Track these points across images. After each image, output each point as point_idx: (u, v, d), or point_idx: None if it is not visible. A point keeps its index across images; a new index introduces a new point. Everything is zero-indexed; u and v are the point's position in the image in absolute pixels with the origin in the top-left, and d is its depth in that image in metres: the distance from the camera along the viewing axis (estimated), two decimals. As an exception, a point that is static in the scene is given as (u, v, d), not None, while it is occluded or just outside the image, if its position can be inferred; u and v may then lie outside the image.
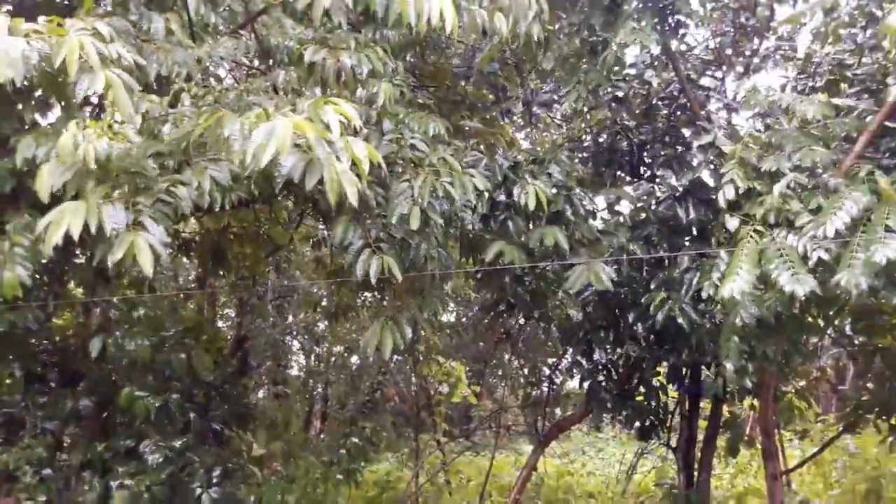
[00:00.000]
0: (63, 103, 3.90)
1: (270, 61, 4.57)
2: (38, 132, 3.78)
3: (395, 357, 11.42)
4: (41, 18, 3.32)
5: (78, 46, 3.10)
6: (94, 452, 5.97)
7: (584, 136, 7.67)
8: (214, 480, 6.01)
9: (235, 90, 4.37)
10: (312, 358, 14.25)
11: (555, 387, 10.32)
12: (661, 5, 5.19)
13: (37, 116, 4.80)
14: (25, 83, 3.17)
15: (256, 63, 5.21)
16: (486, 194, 4.81)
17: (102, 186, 3.42)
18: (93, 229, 3.14)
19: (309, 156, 2.98)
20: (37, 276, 3.99)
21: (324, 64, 4.13)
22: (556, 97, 7.05)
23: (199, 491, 5.81)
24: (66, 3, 4.63)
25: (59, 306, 5.83)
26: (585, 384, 7.42)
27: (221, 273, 7.96)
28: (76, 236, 3.13)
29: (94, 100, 4.08)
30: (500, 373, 13.97)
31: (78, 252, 5.00)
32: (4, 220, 4.29)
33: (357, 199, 2.96)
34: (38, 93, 4.01)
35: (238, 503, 6.31)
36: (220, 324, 11.47)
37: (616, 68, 5.58)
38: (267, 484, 6.68)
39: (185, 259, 8.84)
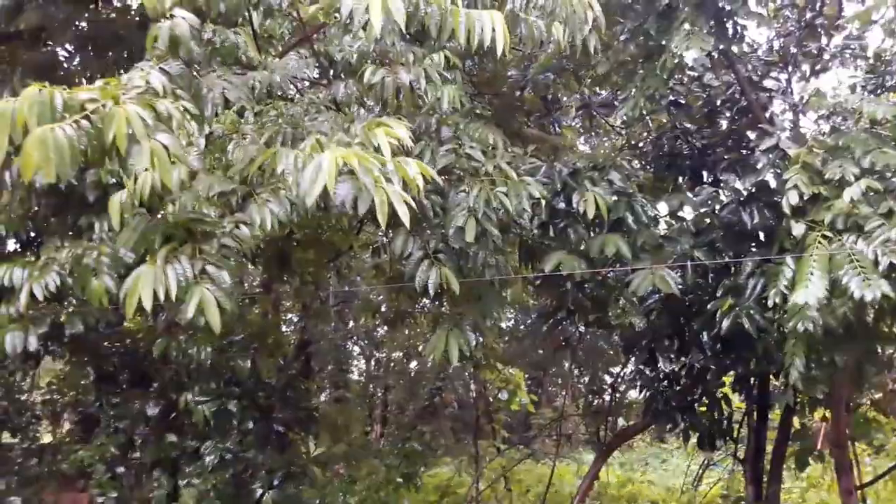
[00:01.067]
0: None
1: (332, 73, 4.67)
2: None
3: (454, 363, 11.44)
4: (98, 82, 3.30)
5: (125, 121, 3.04)
6: (164, 451, 6.19)
7: (643, 142, 7.57)
8: (276, 482, 6.16)
9: (300, 103, 4.49)
10: (372, 363, 14.41)
11: (617, 396, 10.18)
12: (717, 8, 5.08)
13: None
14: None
15: (317, 74, 5.34)
16: (544, 202, 4.80)
17: (169, 243, 3.53)
18: (161, 297, 3.24)
19: (357, 184, 3.02)
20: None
21: (383, 83, 4.20)
22: (614, 101, 6.98)
23: (260, 491, 5.96)
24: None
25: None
26: (647, 393, 7.32)
27: (285, 278, 8.15)
28: (148, 307, 3.25)
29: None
30: (559, 381, 13.85)
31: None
32: (89, 224, 4.54)
33: (409, 219, 2.99)
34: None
35: (300, 504, 6.45)
36: (283, 328, 11.72)
37: (674, 73, 5.49)
38: (329, 486, 6.80)
39: (249, 265, 9.08)
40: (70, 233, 4.78)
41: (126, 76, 3.44)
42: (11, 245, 5.11)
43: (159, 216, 3.61)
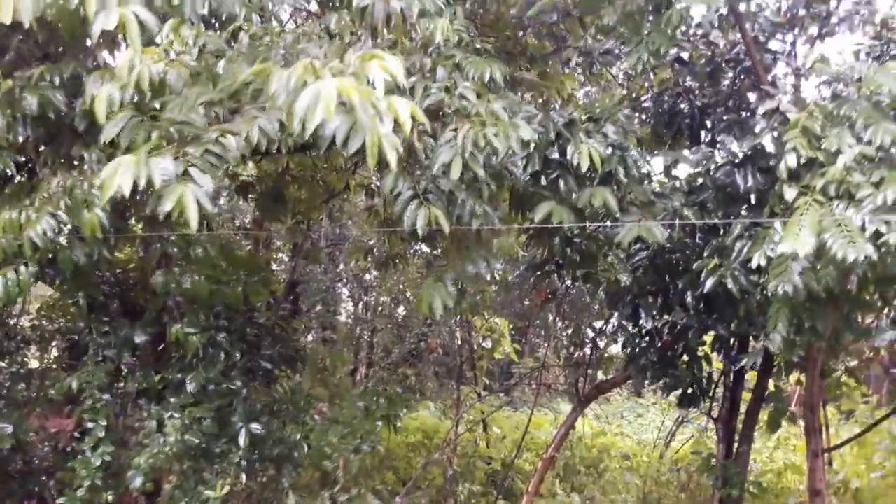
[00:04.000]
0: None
1: (329, 4, 4.58)
2: (104, 70, 3.91)
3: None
4: None
5: None
6: (151, 382, 6.26)
7: (644, 96, 7.50)
8: (257, 417, 6.25)
9: (292, 33, 4.41)
10: (360, 306, 14.54)
11: (598, 350, 10.33)
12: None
13: (106, 55, 4.98)
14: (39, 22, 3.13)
15: (315, 6, 5.23)
16: (537, 151, 4.76)
17: (153, 139, 3.54)
18: (142, 184, 3.24)
19: (352, 118, 2.94)
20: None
21: (373, 8, 4.12)
22: (618, 52, 6.89)
23: (239, 425, 6.05)
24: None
25: (119, 241, 6.08)
26: (628, 349, 7.43)
27: (278, 216, 8.14)
28: (127, 192, 3.24)
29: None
30: (543, 332, 14.03)
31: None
32: (79, 154, 4.53)
33: (397, 162, 2.95)
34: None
35: (282, 440, 6.56)
36: (273, 267, 11.76)
37: (681, 28, 5.41)
38: (312, 424, 6.93)
39: (242, 201, 9.06)
40: (62, 161, 4.76)
41: None
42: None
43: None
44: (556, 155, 5.08)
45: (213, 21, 4.78)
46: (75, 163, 4.69)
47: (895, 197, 4.01)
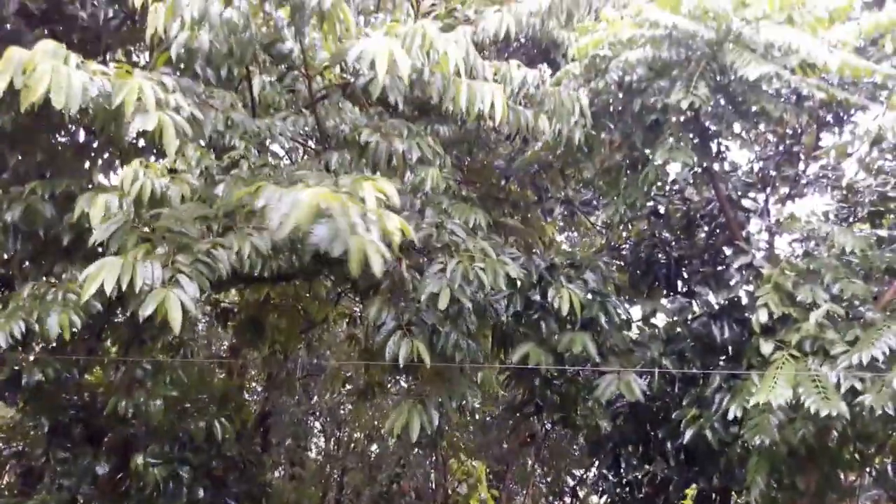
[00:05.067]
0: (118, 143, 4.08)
1: (327, 144, 4.79)
2: (99, 188, 4.00)
3: (416, 450, 11.22)
4: (112, 64, 3.56)
5: (137, 88, 3.28)
6: (107, 514, 5.94)
7: (622, 245, 7.72)
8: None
9: (290, 168, 4.59)
10: (332, 442, 14.06)
11: (578, 500, 9.98)
12: (702, 127, 5.32)
13: (101, 177, 5.13)
14: (81, 114, 3.31)
15: (313, 144, 5.46)
16: (520, 292, 4.85)
17: (144, 244, 3.59)
18: (124, 285, 3.25)
19: (342, 225, 2.99)
20: (75, 331, 4.14)
21: (376, 146, 4.32)
22: (596, 203, 7.17)
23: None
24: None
25: (92, 362, 5.96)
26: (608, 500, 7.19)
27: (255, 345, 8.06)
28: (108, 291, 3.25)
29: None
30: (521, 478, 13.55)
31: (119, 311, 5.16)
32: (62, 270, 4.52)
33: (381, 268, 2.95)
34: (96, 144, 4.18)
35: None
36: (246, 396, 11.47)
37: (657, 184, 5.69)
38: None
39: (220, 329, 8.99)
40: (45, 278, 4.74)
41: (138, 71, 3.56)
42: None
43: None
44: (537, 297, 5.19)
45: (213, 149, 4.98)
46: (53, 279, 4.67)
47: (870, 358, 4.09)
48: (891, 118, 5.01)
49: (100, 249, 3.77)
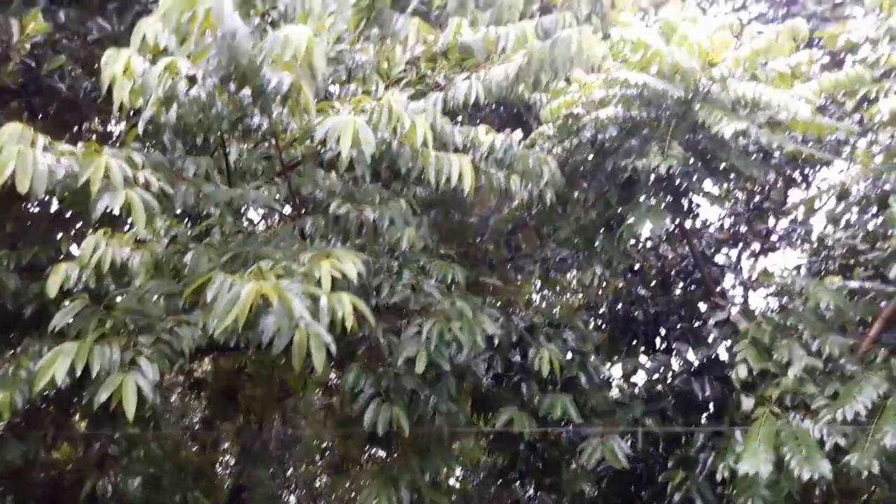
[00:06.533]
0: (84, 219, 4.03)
1: (302, 210, 4.78)
2: (70, 261, 3.92)
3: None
4: (80, 144, 3.51)
5: (104, 167, 3.25)
6: None
7: (599, 303, 7.73)
8: None
9: (264, 234, 4.55)
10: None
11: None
12: (674, 185, 5.41)
13: (73, 248, 5.03)
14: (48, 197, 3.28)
15: (289, 210, 5.45)
16: (499, 353, 4.80)
17: (103, 326, 3.49)
18: (78, 372, 3.15)
19: (283, 320, 2.93)
20: (42, 406, 3.98)
21: (346, 215, 4.31)
22: (572, 262, 7.20)
23: None
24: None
25: (60, 439, 5.72)
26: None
27: (229, 416, 7.84)
28: (60, 382, 3.13)
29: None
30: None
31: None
32: (24, 345, 4.37)
33: (323, 367, 2.90)
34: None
35: None
36: (219, 469, 11.09)
37: (631, 242, 5.73)
38: None
39: (194, 399, 8.76)
40: (12, 351, 4.59)
41: (108, 149, 3.52)
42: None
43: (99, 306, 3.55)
44: (517, 358, 5.14)
45: (187, 216, 4.92)
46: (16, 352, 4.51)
47: (853, 414, 4.08)
48: (855, 172, 5.14)
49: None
